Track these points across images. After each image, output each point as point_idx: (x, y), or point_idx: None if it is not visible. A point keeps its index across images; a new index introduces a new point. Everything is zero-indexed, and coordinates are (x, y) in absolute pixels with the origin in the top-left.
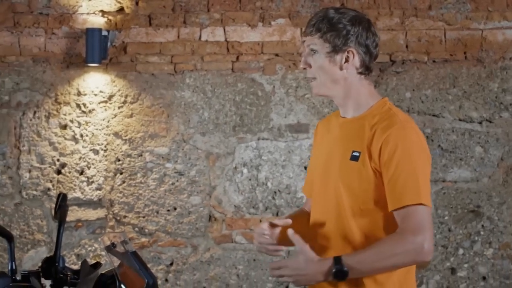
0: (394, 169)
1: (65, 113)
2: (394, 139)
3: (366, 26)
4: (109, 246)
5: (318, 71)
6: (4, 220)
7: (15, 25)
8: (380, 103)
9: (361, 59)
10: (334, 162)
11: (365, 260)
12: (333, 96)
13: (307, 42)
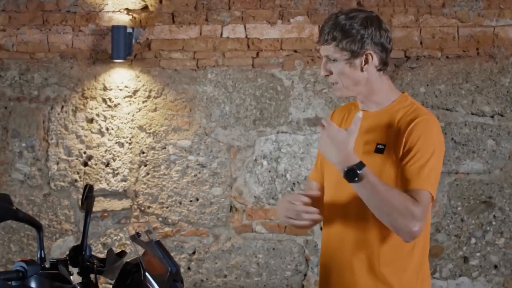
0: (413, 155)
1: (91, 108)
2: (418, 129)
3: (377, 25)
4: (133, 236)
5: (339, 76)
6: (33, 210)
7: (43, 23)
8: (402, 98)
9: (379, 57)
10: (357, 154)
11: (377, 186)
12: (357, 95)
13: (324, 51)
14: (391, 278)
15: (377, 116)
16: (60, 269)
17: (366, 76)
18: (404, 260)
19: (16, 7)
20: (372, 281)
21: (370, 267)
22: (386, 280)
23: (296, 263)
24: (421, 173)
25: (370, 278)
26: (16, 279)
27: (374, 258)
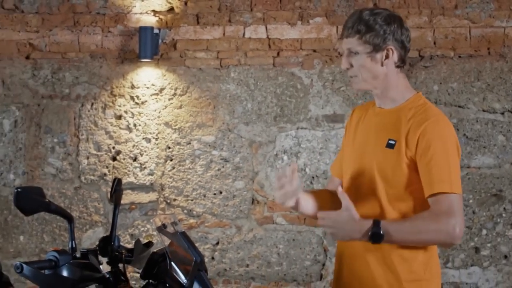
0: (429, 159)
1: (120, 105)
2: (430, 132)
3: (399, 23)
4: (160, 227)
5: (360, 70)
6: (65, 203)
7: (74, 24)
8: (416, 97)
9: (399, 54)
10: (370, 148)
11: (401, 229)
12: (374, 89)
13: (346, 44)
14: (400, 268)
15: (391, 113)
16: (90, 259)
17: (385, 71)
18: (412, 251)
19: (48, 10)
20: (382, 270)
21: (380, 257)
22: (395, 269)
23: (315, 253)
24: (441, 177)
25: (380, 267)
26: (48, 268)
27: (384, 249)
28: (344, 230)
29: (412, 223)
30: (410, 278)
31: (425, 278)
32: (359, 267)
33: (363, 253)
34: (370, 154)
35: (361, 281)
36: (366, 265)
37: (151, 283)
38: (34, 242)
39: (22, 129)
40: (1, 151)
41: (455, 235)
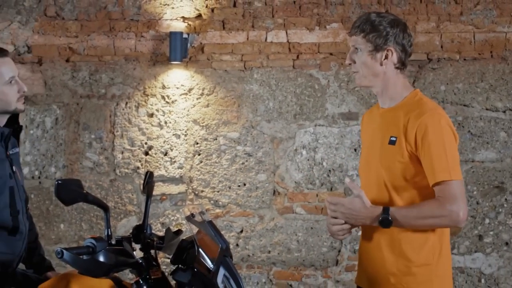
0: (427, 151)
1: (151, 104)
2: (425, 125)
3: (402, 28)
4: (189, 216)
5: (361, 66)
6: (101, 194)
7: (110, 30)
8: (412, 94)
9: (398, 56)
10: (376, 146)
11: (408, 215)
12: (373, 87)
13: (352, 41)
14: (410, 254)
15: (390, 112)
16: (125, 245)
17: (384, 70)
18: (422, 238)
19: (87, 17)
20: (394, 256)
21: (393, 244)
22: (406, 255)
23: (332, 241)
24: (442, 166)
25: (392, 254)
26: (86, 254)
27: (396, 237)
28: (356, 216)
29: (419, 210)
30: (419, 262)
31: (433, 262)
32: (375, 255)
33: (378, 241)
34: (376, 153)
35: (375, 267)
36: (380, 252)
37: (180, 268)
38: (73, 230)
39: (63, 126)
40: (43, 147)
41: (459, 219)
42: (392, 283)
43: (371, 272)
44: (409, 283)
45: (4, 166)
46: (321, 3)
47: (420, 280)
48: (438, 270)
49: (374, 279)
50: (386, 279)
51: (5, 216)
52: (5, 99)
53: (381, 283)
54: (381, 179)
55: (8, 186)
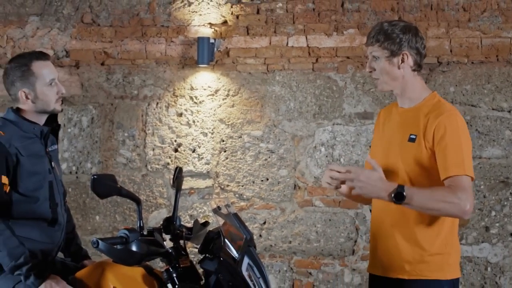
0: (444, 147)
1: (181, 104)
2: (444, 124)
3: (414, 32)
4: (215, 209)
5: (381, 73)
6: (133, 188)
7: (142, 35)
8: (431, 96)
9: (414, 59)
10: (395, 143)
11: (421, 195)
12: (394, 89)
13: (369, 51)
14: (425, 244)
15: (410, 111)
16: (156, 236)
17: (402, 73)
18: (436, 229)
19: (120, 23)
20: (410, 246)
21: (408, 234)
22: (421, 245)
23: (348, 232)
24: (455, 162)
25: (408, 244)
26: (120, 243)
27: (411, 228)
28: (373, 187)
29: (432, 192)
30: (433, 252)
31: (446, 252)
32: (390, 245)
33: (393, 232)
34: (396, 149)
35: (390, 256)
36: (394, 242)
37: (207, 257)
38: (108, 221)
39: (98, 125)
40: (80, 144)
41: (466, 209)
42: (407, 270)
43: (386, 260)
44: (423, 271)
45: (43, 162)
46: (338, 10)
47: (433, 268)
48: (449, 258)
49: (389, 267)
50: (401, 266)
51: (45, 208)
52: (45, 100)
53: (396, 270)
54: (399, 174)
55: (47, 181)
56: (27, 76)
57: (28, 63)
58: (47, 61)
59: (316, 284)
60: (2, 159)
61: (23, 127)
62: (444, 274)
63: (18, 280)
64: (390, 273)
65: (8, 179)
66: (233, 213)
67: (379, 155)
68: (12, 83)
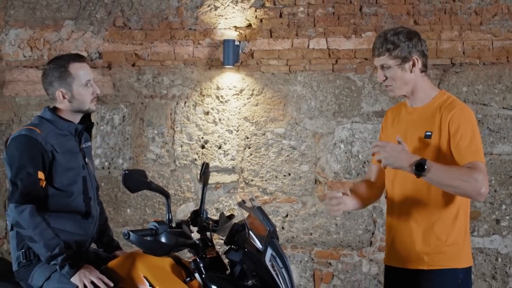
0: (459, 138)
1: (207, 103)
2: (458, 117)
3: (418, 37)
4: (240, 202)
5: (394, 80)
6: (162, 182)
7: (171, 38)
8: (440, 94)
9: (422, 61)
10: (410, 141)
11: (441, 170)
12: (405, 93)
13: (379, 61)
14: (442, 235)
15: (422, 110)
16: (184, 228)
17: (413, 77)
18: (451, 219)
19: (150, 26)
20: (427, 237)
21: (425, 226)
22: (438, 236)
23: (366, 224)
24: (471, 150)
25: (425, 235)
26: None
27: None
28: (397, 157)
29: (451, 169)
30: (450, 242)
31: (461, 241)
32: (405, 236)
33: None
34: (412, 146)
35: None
36: (411, 234)
37: (232, 248)
38: (138, 214)
39: (129, 122)
40: (112, 141)
41: (481, 191)
42: (426, 261)
43: (404, 252)
44: (441, 260)
45: (77, 158)
46: (357, 14)
47: (449, 257)
48: (464, 248)
49: (407, 258)
50: (420, 257)
51: (79, 202)
52: (81, 100)
53: (414, 261)
54: None
55: (81, 176)
56: (64, 77)
57: (65, 64)
58: (84, 63)
59: (335, 274)
60: (38, 155)
61: (58, 125)
62: (459, 263)
63: (54, 270)
64: (408, 265)
65: (44, 175)
66: (257, 207)
67: None
68: (50, 83)
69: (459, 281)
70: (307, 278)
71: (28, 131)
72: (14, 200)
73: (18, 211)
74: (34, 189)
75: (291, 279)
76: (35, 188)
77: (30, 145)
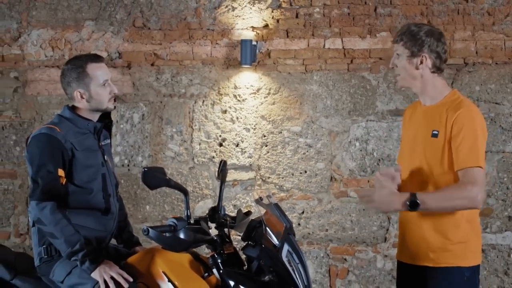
0: (460, 141)
1: (225, 102)
2: (461, 119)
3: (437, 37)
4: (257, 199)
5: (401, 70)
6: (181, 180)
7: (189, 38)
8: (451, 94)
9: (433, 62)
10: (419, 139)
11: (433, 198)
12: (413, 88)
13: (394, 48)
14: (449, 233)
15: (432, 109)
16: (202, 224)
17: (420, 73)
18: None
19: (169, 27)
20: (435, 235)
21: (433, 224)
22: (445, 234)
23: (380, 221)
24: (470, 154)
25: (433, 233)
26: (169, 231)
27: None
28: (388, 202)
29: (443, 193)
30: (456, 240)
31: (468, 240)
32: (415, 233)
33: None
34: (420, 144)
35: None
36: (421, 231)
37: (250, 244)
38: (157, 210)
39: (148, 121)
40: (131, 139)
41: (477, 200)
42: (432, 258)
43: (413, 249)
44: (447, 258)
45: (97, 156)
46: (371, 15)
47: (455, 255)
48: (470, 246)
49: (416, 255)
50: (426, 254)
51: (98, 199)
52: (98, 99)
53: (421, 258)
54: (424, 167)
55: (100, 173)
56: (82, 77)
57: (83, 65)
58: (101, 63)
59: (350, 269)
60: (58, 153)
61: (78, 124)
62: (466, 261)
63: (75, 265)
64: (417, 261)
65: (64, 172)
66: (274, 203)
67: (405, 151)
68: (68, 83)
69: (465, 279)
70: (323, 273)
71: (48, 129)
72: (35, 197)
73: (39, 208)
74: (55, 187)
75: (307, 275)
76: (56, 186)
77: (50, 143)
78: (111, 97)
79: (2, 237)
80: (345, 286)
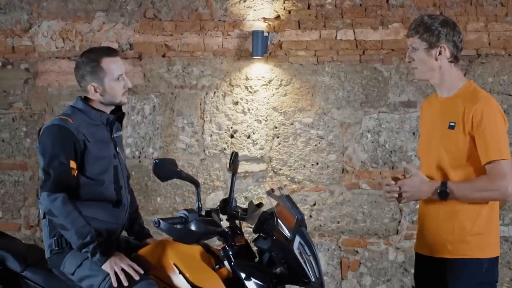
0: (482, 133)
1: (236, 93)
2: (481, 110)
3: (452, 27)
4: (269, 191)
5: (419, 63)
6: (192, 171)
7: (201, 29)
8: (467, 85)
9: (451, 51)
10: (436, 131)
11: (463, 188)
12: (431, 80)
13: (409, 42)
14: (466, 224)
15: (448, 100)
16: (213, 216)
17: (439, 65)
18: (476, 211)
19: (180, 18)
20: (452, 226)
21: (451, 216)
22: (462, 226)
23: (393, 213)
24: (494, 146)
25: (450, 224)
26: (180, 223)
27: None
28: (419, 192)
29: (473, 184)
30: (474, 232)
31: (486, 231)
32: (433, 225)
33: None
34: (437, 136)
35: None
36: (438, 222)
37: (261, 236)
38: (168, 202)
39: (159, 112)
40: (142, 130)
41: (507, 193)
42: (449, 249)
43: (431, 240)
44: (464, 250)
45: (109, 148)
46: (384, 6)
47: (473, 247)
48: (489, 238)
49: (434, 246)
50: (444, 246)
51: (110, 191)
52: (112, 93)
53: (439, 249)
54: (441, 160)
55: (112, 165)
56: (96, 71)
57: (98, 59)
58: (116, 57)
59: (362, 262)
60: (70, 145)
61: (90, 115)
62: (484, 253)
63: (86, 257)
64: (435, 253)
65: (76, 164)
66: (286, 195)
67: (422, 144)
68: (82, 76)
69: (483, 271)
70: (334, 265)
71: (61, 121)
72: (46, 188)
73: (51, 199)
74: (66, 178)
75: (319, 267)
76: (67, 177)
77: (62, 134)
78: (124, 91)
79: (12, 229)
80: (356, 278)
